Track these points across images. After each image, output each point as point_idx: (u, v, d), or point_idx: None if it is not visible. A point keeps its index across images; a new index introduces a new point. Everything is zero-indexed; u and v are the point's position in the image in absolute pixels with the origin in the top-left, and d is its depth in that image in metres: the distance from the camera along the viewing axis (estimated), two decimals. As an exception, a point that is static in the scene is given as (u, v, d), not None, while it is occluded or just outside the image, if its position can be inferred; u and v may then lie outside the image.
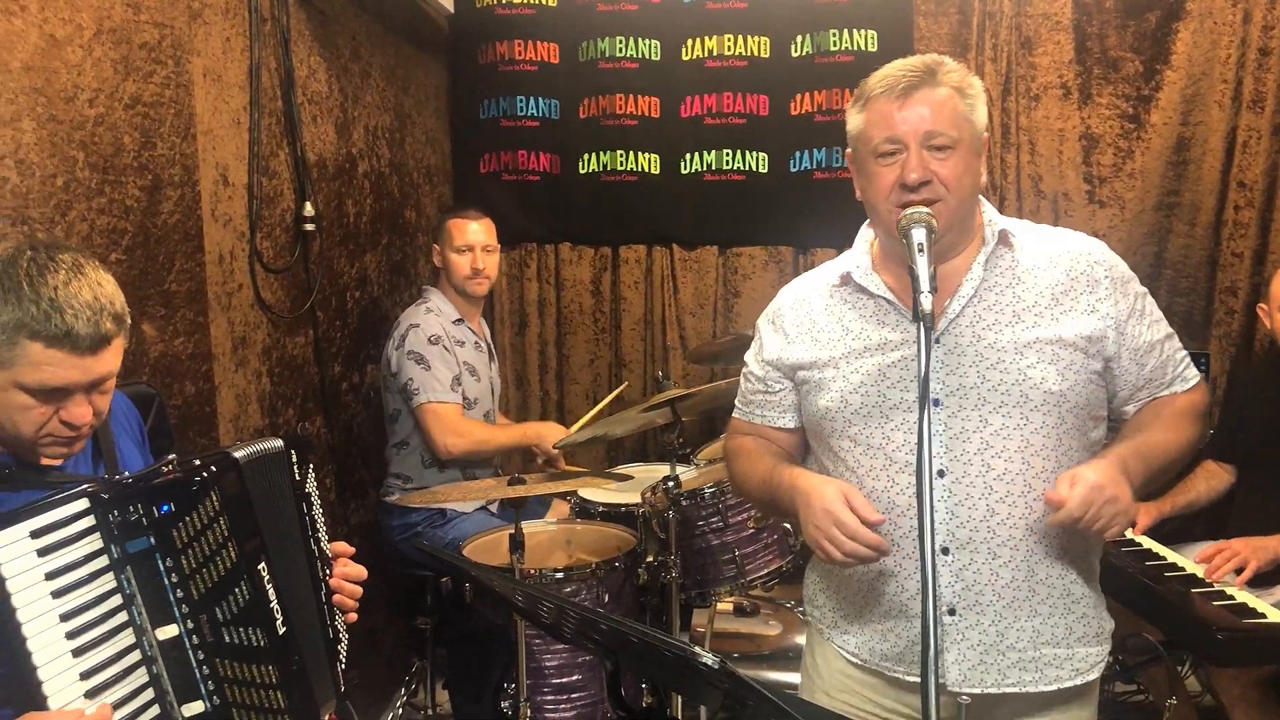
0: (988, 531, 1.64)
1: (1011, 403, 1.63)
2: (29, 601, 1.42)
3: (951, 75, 1.61)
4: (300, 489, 1.76)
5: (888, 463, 1.69)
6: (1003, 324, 1.66)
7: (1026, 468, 1.64)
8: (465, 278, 3.28)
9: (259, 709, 1.59)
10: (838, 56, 3.87)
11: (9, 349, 1.43)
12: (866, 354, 1.71)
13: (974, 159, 1.63)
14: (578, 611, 1.12)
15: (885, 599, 1.72)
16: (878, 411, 1.69)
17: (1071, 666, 1.69)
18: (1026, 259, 1.70)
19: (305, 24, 2.94)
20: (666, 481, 2.71)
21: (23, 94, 1.87)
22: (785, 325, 1.82)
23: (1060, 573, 1.67)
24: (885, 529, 1.65)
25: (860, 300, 1.75)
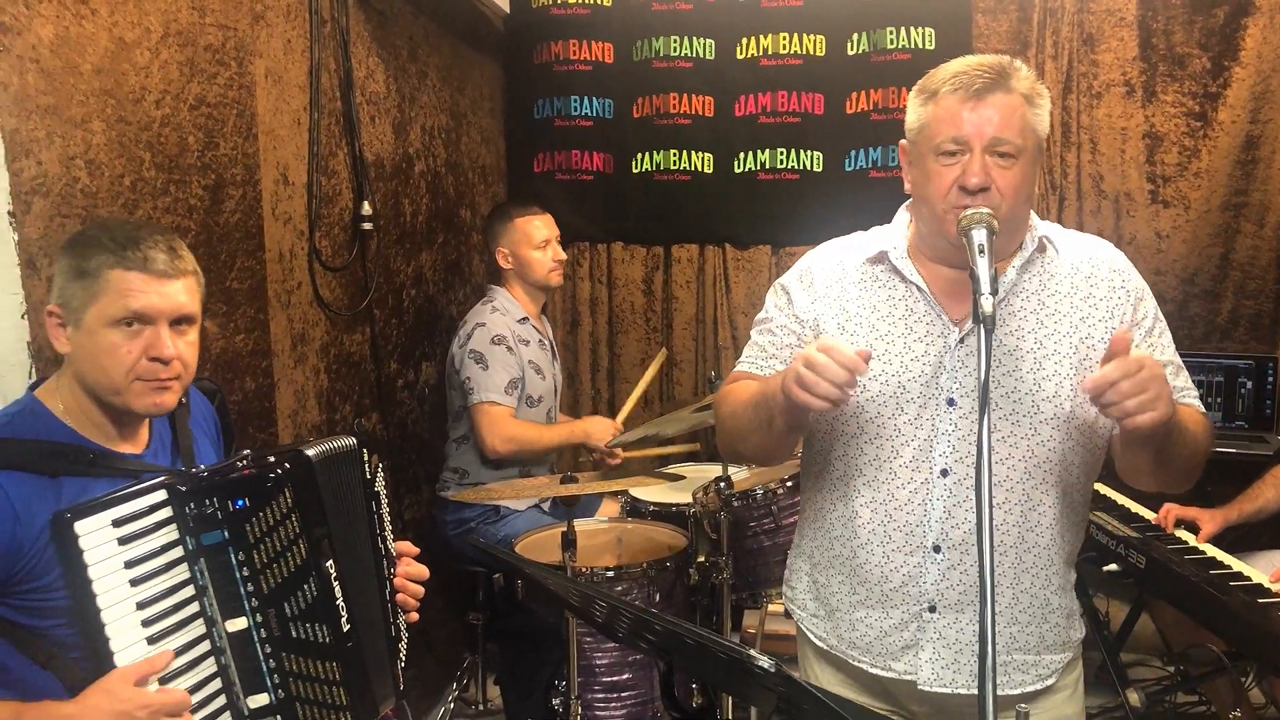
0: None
1: (1021, 412, 1.62)
2: (109, 588, 1.47)
3: (1023, 81, 1.58)
4: (370, 487, 1.78)
5: (893, 455, 1.67)
6: (1025, 331, 1.64)
7: (1027, 478, 1.63)
8: (549, 271, 3.35)
9: (321, 704, 1.62)
10: (894, 55, 3.82)
11: (95, 283, 1.51)
12: (890, 339, 1.69)
13: (1033, 169, 1.60)
14: (633, 612, 1.12)
15: (865, 588, 1.72)
16: (894, 402, 1.67)
17: (1036, 672, 1.71)
18: (1056, 265, 1.68)
19: (364, 25, 2.97)
20: (718, 482, 2.70)
21: (93, 96, 1.91)
22: (815, 284, 1.75)
23: (1043, 582, 1.68)
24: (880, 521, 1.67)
25: (893, 282, 1.71)
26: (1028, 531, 1.65)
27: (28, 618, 1.47)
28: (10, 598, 1.46)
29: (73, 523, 1.44)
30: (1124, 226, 3.83)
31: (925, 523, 1.66)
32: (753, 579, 2.80)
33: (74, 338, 1.54)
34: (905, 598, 1.69)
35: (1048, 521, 1.67)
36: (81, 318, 1.52)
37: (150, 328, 1.54)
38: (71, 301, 1.53)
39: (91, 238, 1.54)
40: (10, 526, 1.43)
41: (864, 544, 1.71)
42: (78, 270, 1.52)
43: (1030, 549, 1.66)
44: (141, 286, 1.53)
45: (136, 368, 1.54)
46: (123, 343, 1.53)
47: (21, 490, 1.46)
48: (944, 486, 1.64)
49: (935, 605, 1.67)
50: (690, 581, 2.68)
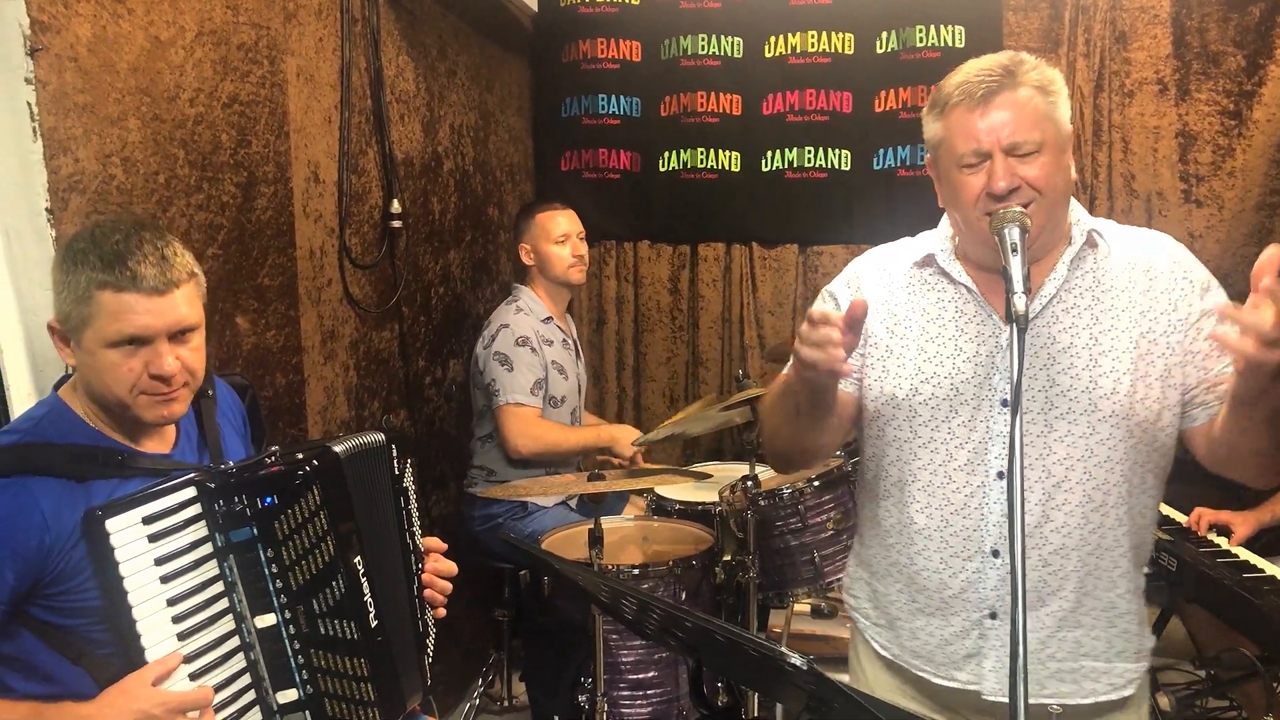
0: (1040, 538, 1.60)
1: (1079, 410, 1.58)
2: (139, 585, 1.48)
3: (1031, 74, 1.55)
4: (399, 484, 1.79)
5: (947, 459, 1.65)
6: (1080, 327, 1.61)
7: (1087, 478, 1.59)
8: (569, 267, 3.33)
9: (349, 700, 1.63)
10: (924, 53, 3.80)
11: (86, 306, 1.47)
12: (940, 341, 1.67)
13: (1062, 156, 1.57)
14: (663, 608, 1.12)
15: (924, 595, 1.69)
16: (946, 404, 1.65)
17: (1109, 681, 1.65)
18: (1110, 260, 1.64)
19: (394, 24, 2.99)
20: (745, 481, 2.70)
21: (129, 94, 1.93)
22: (864, 289, 1.75)
23: (1108, 586, 1.63)
24: (936, 527, 1.65)
25: (941, 284, 1.70)
26: (1091, 533, 1.60)
27: (59, 617, 1.48)
28: (40, 599, 1.47)
29: (104, 520, 1.45)
30: (1156, 226, 3.74)
31: (983, 527, 1.63)
32: (779, 578, 2.80)
33: (76, 354, 1.52)
34: (965, 604, 1.65)
35: (1112, 522, 1.61)
36: (80, 338, 1.49)
37: (148, 346, 1.50)
38: (69, 320, 1.49)
39: (79, 253, 1.48)
40: (39, 534, 1.44)
41: (921, 550, 1.68)
42: (70, 289, 1.48)
43: (1094, 551, 1.61)
44: (134, 307, 1.47)
45: (139, 384, 1.51)
46: (122, 361, 1.49)
47: (51, 495, 1.46)
48: (1001, 489, 1.61)
49: (996, 612, 1.63)
50: (716, 580, 2.68)
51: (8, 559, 1.42)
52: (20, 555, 1.42)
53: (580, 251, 3.37)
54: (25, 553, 1.43)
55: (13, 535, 1.42)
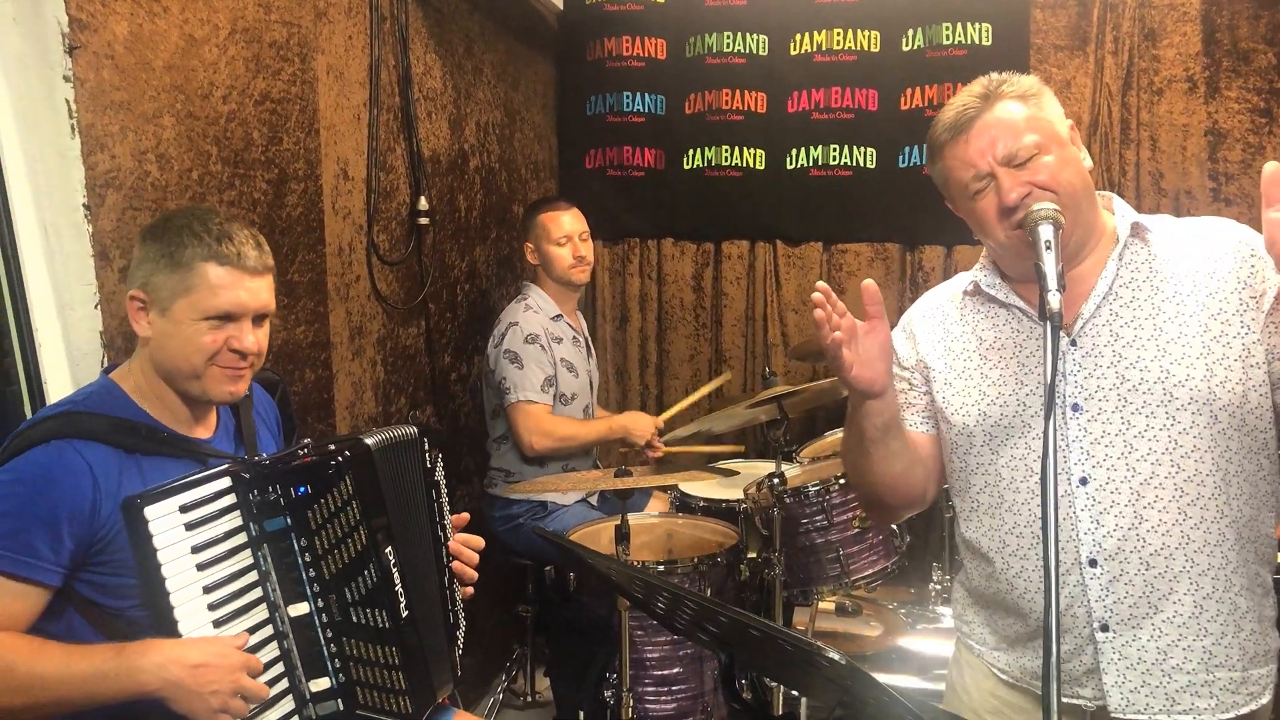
0: (1137, 540, 1.55)
1: (1155, 403, 1.54)
2: (177, 572, 1.52)
3: (1005, 88, 1.57)
4: (430, 476, 1.81)
5: (1028, 474, 1.63)
6: (1141, 319, 1.58)
7: (1176, 471, 1.54)
8: (569, 267, 3.30)
9: (380, 688, 1.65)
10: (950, 51, 3.79)
11: (190, 276, 1.56)
12: (1002, 363, 1.66)
13: (1065, 152, 1.56)
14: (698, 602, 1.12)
15: (1034, 617, 1.65)
16: (1019, 421, 1.63)
17: (1246, 691, 1.57)
18: (1165, 252, 1.60)
19: (422, 22, 3.01)
20: (771, 478, 2.70)
21: (164, 91, 1.96)
22: (916, 332, 1.78)
23: (1224, 585, 1.56)
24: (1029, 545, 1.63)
25: (993, 309, 1.70)
26: (1192, 529, 1.54)
27: (104, 597, 1.52)
28: (88, 571, 1.51)
29: (143, 507, 1.48)
30: (1184, 225, 3.76)
31: (1074, 537, 1.58)
32: (804, 576, 2.80)
33: (157, 323, 1.58)
34: (1073, 620, 1.60)
35: (1213, 515, 1.55)
36: (169, 307, 1.57)
37: (235, 322, 1.60)
38: (160, 290, 1.57)
39: (183, 227, 1.58)
40: (90, 493, 1.49)
41: (1018, 574, 1.66)
42: (170, 260, 1.56)
43: (1200, 548, 1.55)
44: (233, 283, 1.58)
45: (218, 357, 1.60)
46: (209, 333, 1.58)
47: (100, 459, 1.51)
48: (1086, 495, 1.58)
49: (1107, 624, 1.58)
50: (741, 577, 2.68)
51: (64, 519, 1.46)
52: (75, 515, 1.47)
53: (581, 252, 3.31)
54: (79, 512, 1.47)
55: (68, 494, 1.47)
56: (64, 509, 1.46)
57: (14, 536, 1.44)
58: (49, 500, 1.46)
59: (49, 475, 1.47)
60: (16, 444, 1.50)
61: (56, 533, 1.46)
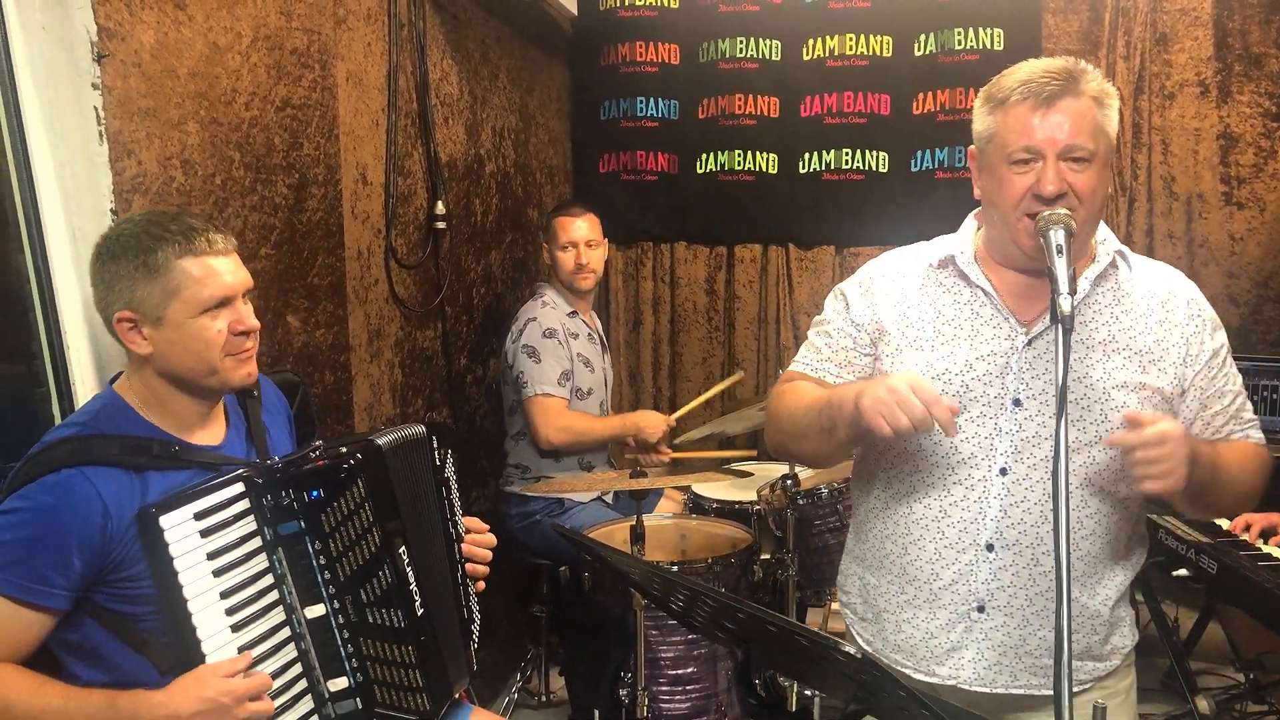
0: (1035, 536, 1.65)
1: (1089, 419, 1.63)
2: (194, 579, 1.53)
3: (1092, 84, 1.57)
4: (440, 474, 1.83)
5: (951, 452, 1.68)
6: (1096, 341, 1.65)
7: (1085, 483, 1.64)
8: (570, 273, 3.33)
9: (397, 686, 1.67)
10: (962, 56, 3.81)
11: (173, 277, 1.55)
12: (955, 343, 1.69)
13: (1105, 172, 1.60)
14: (716, 599, 1.15)
15: (914, 586, 1.73)
16: (955, 400, 1.67)
17: (1077, 678, 1.69)
18: (1131, 286, 1.69)
19: (439, 29, 3.04)
20: (785, 480, 2.72)
21: (189, 98, 1.99)
22: (875, 292, 1.77)
23: (1090, 592, 1.69)
24: (934, 517, 1.69)
25: (958, 287, 1.72)
26: (1084, 538, 1.66)
27: (122, 604, 1.54)
28: (105, 586, 1.53)
29: (158, 517, 1.49)
30: (1196, 229, 3.78)
31: (980, 520, 1.67)
32: (817, 576, 2.82)
33: (156, 336, 1.57)
34: (954, 597, 1.70)
35: (1103, 529, 1.67)
36: (163, 314, 1.55)
37: (228, 306, 1.61)
38: (146, 302, 1.55)
39: (143, 234, 1.56)
40: (101, 521, 1.49)
41: (916, 540, 1.73)
42: (146, 269, 1.54)
43: (1083, 556, 1.67)
44: (214, 270, 1.58)
45: (226, 345, 1.60)
46: (211, 325, 1.59)
47: (111, 485, 1.51)
48: (1002, 485, 1.66)
49: (984, 605, 1.68)
50: (754, 578, 2.70)
51: (74, 546, 1.47)
52: (85, 542, 1.48)
53: (584, 260, 3.32)
54: (89, 539, 1.48)
55: (78, 523, 1.48)
56: (74, 536, 1.47)
57: (25, 564, 1.45)
58: (59, 528, 1.46)
59: (59, 504, 1.47)
60: (28, 470, 1.50)
61: (67, 559, 1.47)
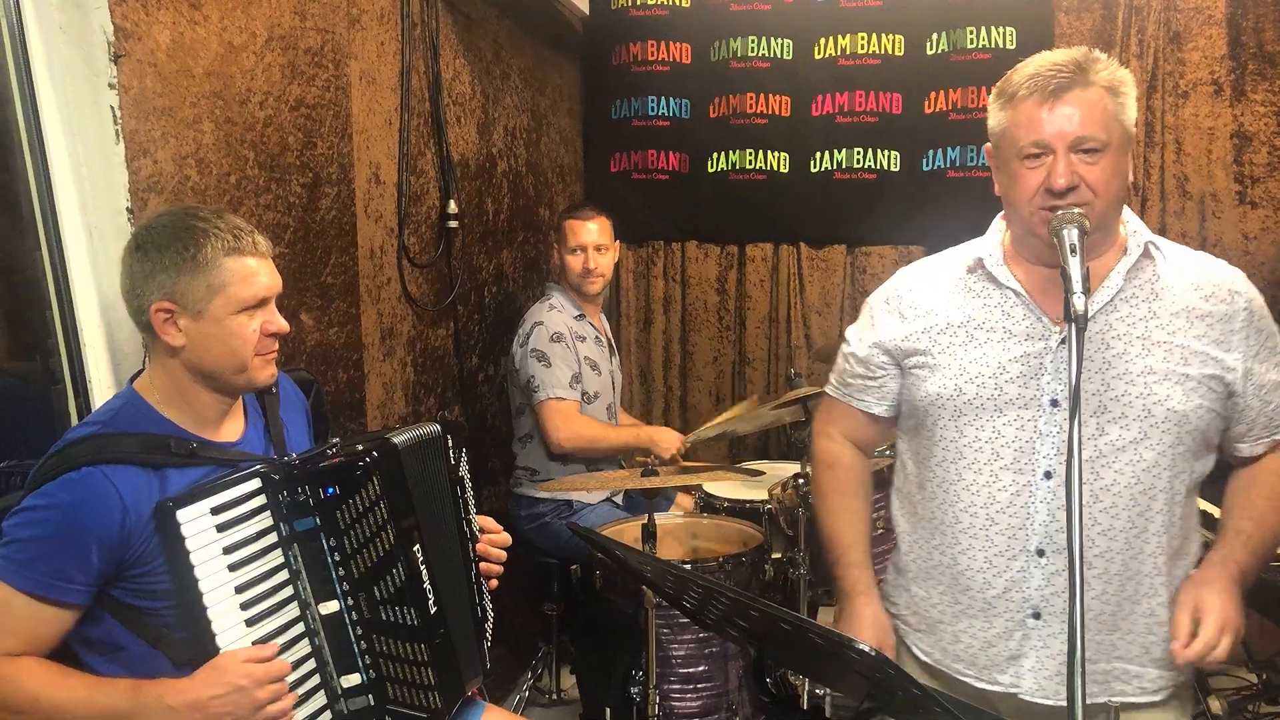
0: (1086, 540, 1.59)
1: (1132, 415, 1.60)
2: (210, 574, 1.54)
3: (1103, 73, 1.55)
4: (454, 472, 1.84)
5: (993, 458, 1.67)
6: (1134, 336, 1.62)
7: (1135, 482, 1.61)
8: (578, 276, 3.33)
9: (411, 684, 1.68)
10: (974, 54, 3.80)
11: (220, 273, 1.58)
12: (988, 346, 1.69)
13: (1122, 160, 1.58)
14: (730, 596, 1.15)
15: (967, 596, 1.71)
16: (991, 405, 1.66)
17: (1140, 685, 1.66)
18: (1168, 277, 1.65)
19: (451, 28, 3.05)
20: (797, 479, 2.72)
21: (204, 98, 2.00)
22: (902, 307, 1.79)
23: (1149, 592, 1.64)
24: (981, 525, 1.68)
25: (988, 290, 1.72)
26: (1135, 538, 1.62)
27: (140, 599, 1.55)
28: (123, 581, 1.54)
29: (175, 511, 1.51)
30: (1209, 228, 3.76)
31: (1028, 526, 1.64)
32: (828, 575, 2.81)
33: (193, 328, 1.58)
34: (1009, 605, 1.67)
35: (1156, 528, 1.63)
36: (205, 308, 1.57)
37: (264, 307, 1.64)
38: (188, 294, 1.57)
39: (191, 228, 1.58)
40: (119, 518, 1.50)
41: (965, 550, 1.70)
42: (193, 262, 1.56)
43: (1137, 556, 1.63)
44: (257, 270, 1.62)
45: (258, 345, 1.63)
46: (248, 323, 1.61)
47: (129, 483, 1.52)
48: (1048, 489, 1.62)
49: (1040, 612, 1.65)
50: (765, 577, 2.70)
51: (93, 543, 1.48)
52: (103, 539, 1.49)
53: (592, 265, 3.31)
54: (108, 537, 1.49)
55: (96, 520, 1.49)
56: (93, 534, 1.48)
57: (45, 561, 1.46)
58: (79, 526, 1.48)
59: (78, 502, 1.48)
60: (48, 468, 1.51)
61: (86, 556, 1.48)
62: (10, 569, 1.47)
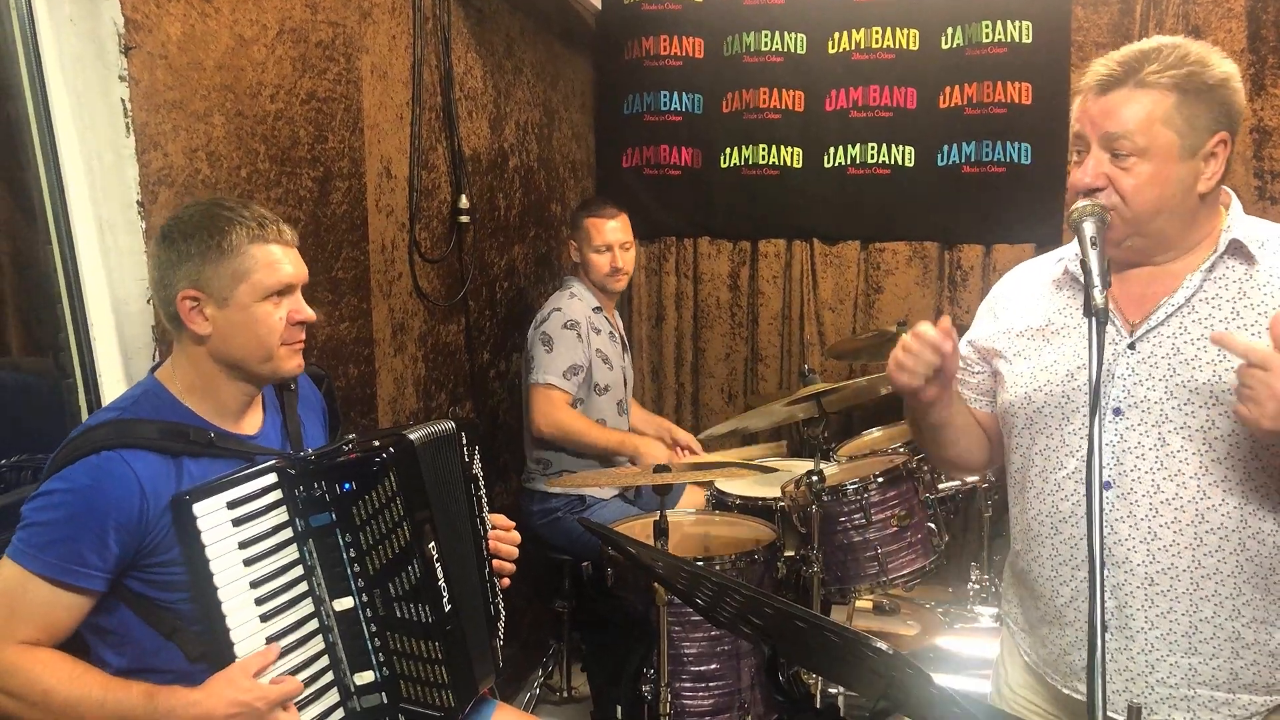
0: (1146, 554, 1.54)
1: (1196, 426, 1.51)
2: (225, 568, 1.53)
3: (1166, 73, 1.46)
4: (469, 469, 1.82)
5: (1058, 466, 1.63)
6: (1209, 341, 1.51)
7: (1201, 497, 1.51)
8: (605, 275, 3.32)
9: (423, 682, 1.66)
10: (990, 49, 3.76)
11: (244, 260, 1.58)
12: (1060, 349, 1.65)
13: (1171, 168, 1.47)
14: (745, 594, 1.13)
15: (1042, 604, 1.69)
16: (1059, 412, 1.62)
17: (1229, 712, 1.56)
18: (1265, 276, 1.51)
19: (463, 22, 3.03)
20: (810, 476, 2.70)
21: (215, 90, 1.99)
22: (997, 306, 1.79)
23: (1229, 614, 1.53)
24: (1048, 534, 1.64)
25: (1072, 291, 1.67)
26: (1204, 556, 1.52)
27: (154, 590, 1.54)
28: (139, 571, 1.53)
29: (191, 504, 1.50)
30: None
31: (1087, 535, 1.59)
32: (842, 574, 2.80)
33: (219, 316, 1.58)
34: (1077, 614, 1.63)
35: (1233, 546, 1.51)
36: (230, 295, 1.58)
37: (290, 296, 1.64)
38: (214, 282, 1.57)
39: (217, 216, 1.58)
40: (138, 502, 1.50)
41: (1036, 557, 1.68)
42: (218, 250, 1.56)
43: (1211, 575, 1.52)
44: (282, 257, 1.62)
45: (285, 334, 1.63)
46: (275, 311, 1.61)
47: (148, 469, 1.52)
48: (1109, 499, 1.56)
49: (1106, 625, 1.57)
50: (778, 575, 2.68)
51: (111, 528, 1.48)
52: (122, 524, 1.49)
53: (619, 264, 3.31)
54: (127, 522, 1.49)
55: (115, 504, 1.48)
56: (111, 519, 1.48)
57: (63, 544, 1.46)
58: (97, 510, 1.47)
59: (97, 485, 1.48)
60: (67, 452, 1.51)
61: (104, 541, 1.48)
62: (28, 553, 1.46)
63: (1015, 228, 3.73)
